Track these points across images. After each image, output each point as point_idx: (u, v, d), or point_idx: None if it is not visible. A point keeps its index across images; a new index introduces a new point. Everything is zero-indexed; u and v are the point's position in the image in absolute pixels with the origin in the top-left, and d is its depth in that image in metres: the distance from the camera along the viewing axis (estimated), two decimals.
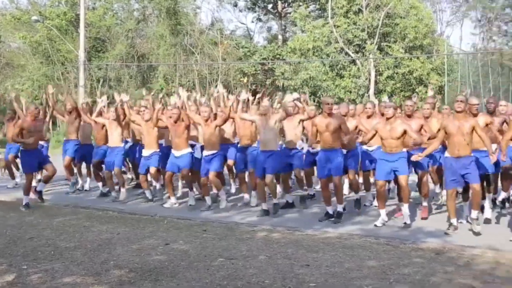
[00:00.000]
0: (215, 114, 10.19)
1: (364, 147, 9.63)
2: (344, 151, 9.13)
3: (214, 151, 9.76)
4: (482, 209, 8.51)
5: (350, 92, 26.23)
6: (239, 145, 10.58)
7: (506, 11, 49.04)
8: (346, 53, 27.27)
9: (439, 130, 8.15)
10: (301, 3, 31.50)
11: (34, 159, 10.26)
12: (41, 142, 11.01)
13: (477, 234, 7.76)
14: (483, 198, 8.55)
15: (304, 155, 9.93)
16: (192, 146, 10.38)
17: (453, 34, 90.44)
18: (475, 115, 8.14)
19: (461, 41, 49.47)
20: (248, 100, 10.75)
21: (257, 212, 9.46)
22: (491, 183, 8.80)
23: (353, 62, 27.23)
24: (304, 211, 9.74)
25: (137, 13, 33.18)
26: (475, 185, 7.78)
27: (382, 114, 8.63)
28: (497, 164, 8.26)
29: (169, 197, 10.38)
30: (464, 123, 7.69)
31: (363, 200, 9.94)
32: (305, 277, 5.85)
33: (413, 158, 8.13)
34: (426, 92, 25.70)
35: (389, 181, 8.90)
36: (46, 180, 10.66)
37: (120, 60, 28.87)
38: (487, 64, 31.23)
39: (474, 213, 7.89)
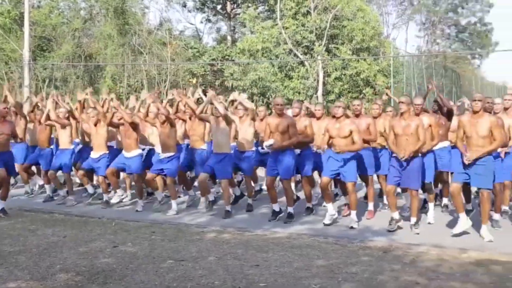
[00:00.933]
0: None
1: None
2: (298, 151, 9.22)
3: (171, 154, 9.68)
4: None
5: (299, 93, 26.44)
6: (189, 146, 10.54)
7: (449, 15, 50.52)
8: (295, 55, 27.47)
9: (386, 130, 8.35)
10: (250, 4, 31.56)
11: None
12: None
13: (417, 233, 7.99)
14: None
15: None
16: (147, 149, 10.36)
17: (399, 36, 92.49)
18: (417, 115, 8.32)
19: (406, 43, 50.64)
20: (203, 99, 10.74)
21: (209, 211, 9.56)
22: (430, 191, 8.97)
23: (302, 63, 27.44)
24: (254, 211, 9.77)
25: (84, 12, 32.54)
26: (413, 191, 7.99)
27: (333, 116, 8.74)
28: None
29: (115, 192, 10.35)
30: (409, 123, 7.87)
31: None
32: (254, 277, 5.87)
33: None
34: (373, 93, 26.20)
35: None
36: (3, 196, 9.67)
37: (67, 59, 28.25)
38: (431, 66, 32.06)
39: (413, 220, 8.10)
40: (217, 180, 10.78)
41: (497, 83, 46.12)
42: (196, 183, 10.58)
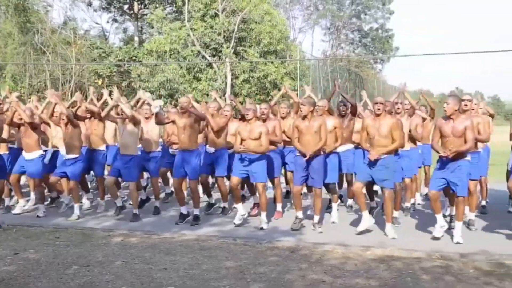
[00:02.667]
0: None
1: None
2: (212, 150, 9.24)
3: (75, 155, 9.38)
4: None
5: (207, 95, 26.42)
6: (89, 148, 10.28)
7: (352, 20, 52.15)
8: (203, 56, 27.44)
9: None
10: (157, 5, 31.17)
11: None
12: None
13: (320, 232, 8.19)
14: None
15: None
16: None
17: (305, 40, 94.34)
18: (320, 116, 8.52)
19: (312, 47, 51.87)
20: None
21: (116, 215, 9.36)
22: (334, 191, 9.21)
23: (210, 65, 27.45)
24: (162, 214, 9.66)
25: None
26: (317, 190, 8.20)
27: (241, 118, 8.78)
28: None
29: (17, 201, 9.87)
30: (313, 123, 8.07)
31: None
32: (162, 280, 5.82)
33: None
34: (281, 96, 26.53)
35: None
36: None
37: None
38: (336, 69, 32.99)
39: (316, 218, 8.31)
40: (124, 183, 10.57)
41: (397, 87, 48.05)
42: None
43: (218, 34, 27.12)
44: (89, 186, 10.93)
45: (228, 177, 9.25)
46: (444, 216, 8.16)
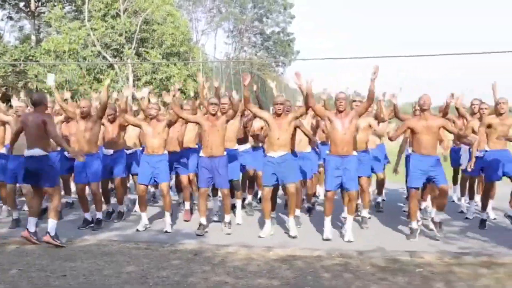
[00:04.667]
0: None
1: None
2: (111, 152, 9.10)
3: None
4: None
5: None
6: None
7: (255, 23, 52.78)
8: (104, 57, 26.84)
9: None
10: (56, 3, 30.16)
11: None
12: None
13: (228, 234, 8.24)
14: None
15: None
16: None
17: (208, 42, 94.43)
18: (223, 114, 8.58)
19: (215, 49, 51.89)
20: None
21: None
22: (238, 188, 9.34)
23: (111, 66, 26.90)
24: (63, 219, 9.33)
25: None
26: (225, 190, 8.26)
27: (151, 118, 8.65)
28: None
29: None
30: (215, 123, 8.11)
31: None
32: None
33: None
34: (184, 98, 26.42)
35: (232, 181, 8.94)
36: None
37: None
38: (239, 72, 33.26)
39: (227, 217, 8.36)
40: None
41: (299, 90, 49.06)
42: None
43: (120, 34, 26.64)
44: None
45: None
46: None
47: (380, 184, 10.08)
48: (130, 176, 10.20)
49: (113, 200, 9.91)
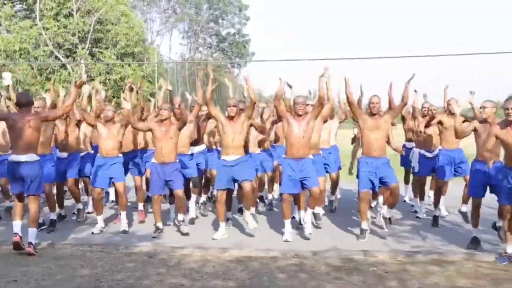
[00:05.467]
0: None
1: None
2: (65, 154, 8.97)
3: None
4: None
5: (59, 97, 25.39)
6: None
7: (210, 25, 52.65)
8: (56, 57, 26.36)
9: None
10: (5, 2, 29.44)
11: None
12: None
13: (185, 234, 8.20)
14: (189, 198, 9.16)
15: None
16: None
17: (163, 43, 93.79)
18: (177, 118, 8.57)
19: (170, 50, 51.59)
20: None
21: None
22: (197, 185, 9.33)
23: (64, 66, 26.43)
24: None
25: None
26: (178, 191, 8.23)
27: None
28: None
29: None
30: (168, 128, 8.08)
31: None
32: None
33: None
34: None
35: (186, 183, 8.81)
36: None
37: None
38: (194, 73, 33.14)
39: (181, 216, 8.33)
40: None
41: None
42: None
43: (73, 34, 26.19)
44: None
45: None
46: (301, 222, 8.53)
47: (334, 184, 10.19)
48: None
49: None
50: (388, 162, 7.94)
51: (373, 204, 9.25)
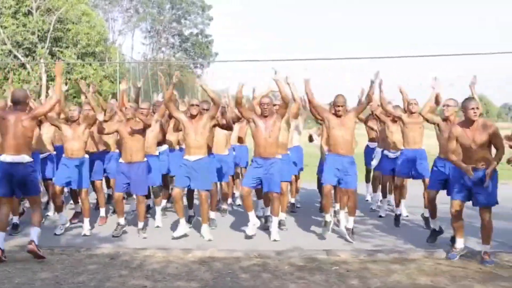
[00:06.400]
0: None
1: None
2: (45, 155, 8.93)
3: None
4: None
5: None
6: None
7: (173, 25, 52.41)
8: (15, 56, 25.87)
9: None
10: None
11: None
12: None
13: (144, 238, 8.15)
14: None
15: None
16: None
17: (125, 43, 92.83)
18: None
19: (132, 50, 50.98)
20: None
21: None
22: (157, 195, 9.24)
23: (23, 66, 25.96)
24: None
25: None
26: (140, 197, 8.22)
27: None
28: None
29: None
30: (135, 128, 8.02)
31: None
32: None
33: None
34: (103, 99, 25.86)
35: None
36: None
37: None
38: (157, 73, 32.92)
39: (140, 224, 8.31)
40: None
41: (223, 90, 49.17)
42: None
43: (32, 33, 25.77)
44: None
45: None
46: (259, 217, 8.54)
47: (295, 185, 10.23)
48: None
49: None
50: (354, 161, 8.01)
51: (335, 208, 9.28)
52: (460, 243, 6.94)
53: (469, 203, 6.87)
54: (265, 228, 8.38)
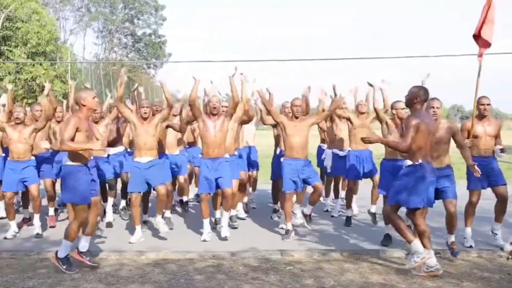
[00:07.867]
0: None
1: None
2: None
3: None
4: None
5: None
6: None
7: (126, 24, 51.85)
8: None
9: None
10: None
11: None
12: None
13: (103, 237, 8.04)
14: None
15: None
16: None
17: (77, 42, 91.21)
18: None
19: (84, 50, 50.17)
20: None
21: None
22: (113, 187, 9.20)
23: None
24: None
25: None
26: (96, 198, 8.08)
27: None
28: None
29: None
30: (97, 128, 7.99)
31: None
32: None
33: None
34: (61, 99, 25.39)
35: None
36: None
37: None
38: (109, 73, 32.50)
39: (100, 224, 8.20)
40: None
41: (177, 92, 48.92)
42: None
43: None
44: None
45: None
46: (217, 223, 8.56)
47: (243, 185, 10.26)
48: None
49: None
50: (310, 163, 8.11)
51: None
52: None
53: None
54: (216, 228, 8.43)
